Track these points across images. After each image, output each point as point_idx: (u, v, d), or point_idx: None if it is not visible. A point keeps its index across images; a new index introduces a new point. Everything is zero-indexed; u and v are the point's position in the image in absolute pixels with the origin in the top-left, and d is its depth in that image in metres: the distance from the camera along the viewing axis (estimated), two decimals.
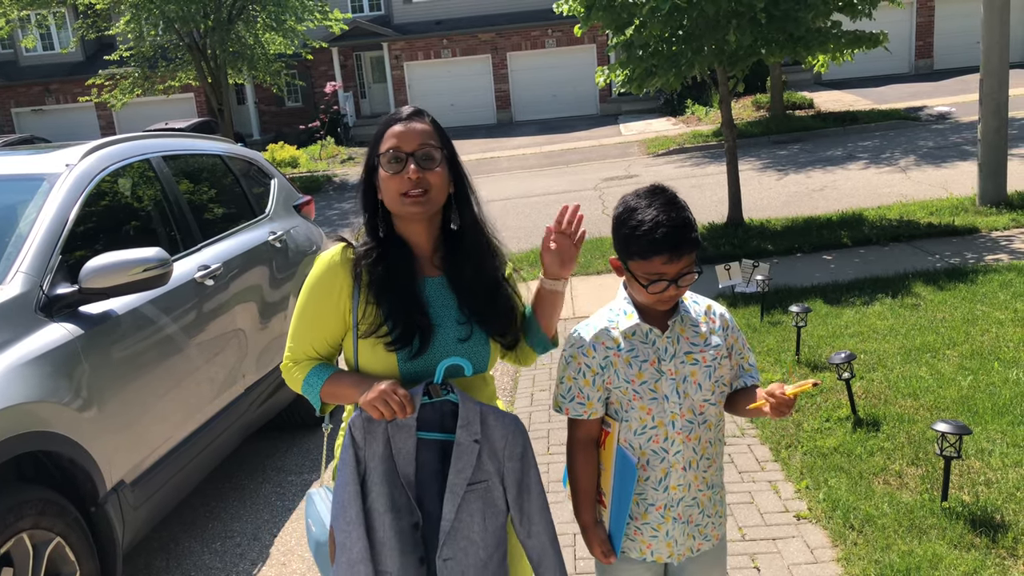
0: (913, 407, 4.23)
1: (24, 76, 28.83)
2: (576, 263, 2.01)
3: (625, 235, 1.86)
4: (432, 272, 1.97)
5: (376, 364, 1.89)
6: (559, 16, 8.68)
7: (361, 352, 1.91)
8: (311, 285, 1.95)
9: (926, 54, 26.10)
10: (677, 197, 1.87)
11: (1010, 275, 6.19)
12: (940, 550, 3.05)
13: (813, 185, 11.60)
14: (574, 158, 17.76)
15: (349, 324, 1.93)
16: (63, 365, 2.83)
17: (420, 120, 1.92)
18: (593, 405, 1.95)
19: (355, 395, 1.86)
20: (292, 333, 1.99)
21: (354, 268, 1.92)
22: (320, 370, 1.95)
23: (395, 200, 1.88)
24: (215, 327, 3.84)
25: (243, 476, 4.48)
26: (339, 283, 1.92)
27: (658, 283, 1.83)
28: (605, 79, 8.90)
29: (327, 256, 1.95)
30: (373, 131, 1.97)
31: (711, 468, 1.99)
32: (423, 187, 1.86)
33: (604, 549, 1.99)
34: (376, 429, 1.81)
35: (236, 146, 5.18)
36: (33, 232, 3.10)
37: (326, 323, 1.94)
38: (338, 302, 1.92)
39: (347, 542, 1.80)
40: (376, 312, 1.88)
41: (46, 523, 2.66)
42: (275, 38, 18.84)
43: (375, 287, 1.90)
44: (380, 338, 1.87)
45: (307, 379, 1.95)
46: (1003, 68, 8.27)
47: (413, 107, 1.96)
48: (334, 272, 1.93)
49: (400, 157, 1.86)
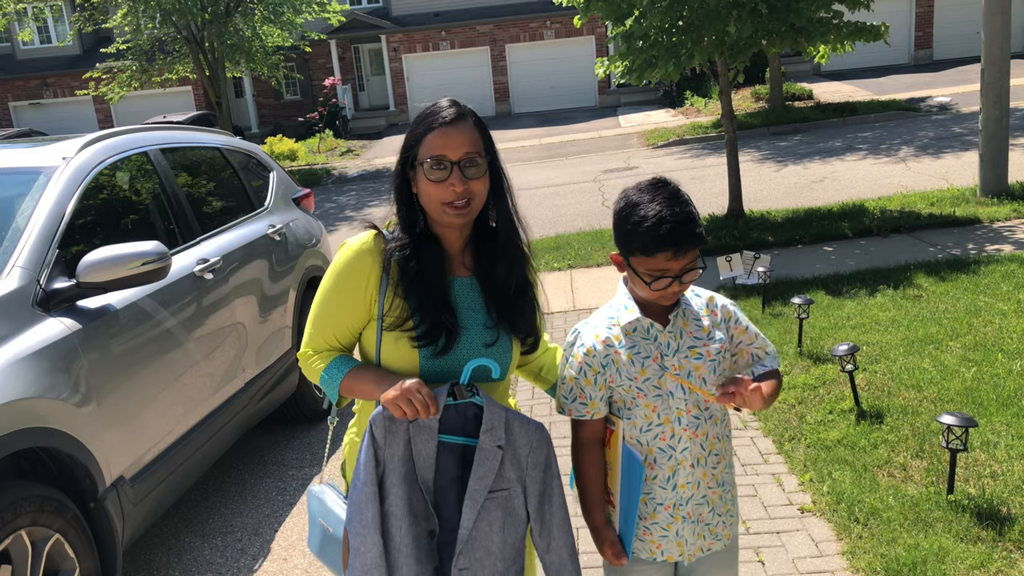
0: (917, 399, 4.21)
1: (21, 70, 28.73)
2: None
3: (628, 231, 1.81)
4: (461, 272, 1.92)
5: (397, 359, 1.84)
6: (558, 7, 8.69)
7: (384, 344, 1.85)
8: (339, 271, 1.88)
9: (925, 44, 26.03)
10: (680, 191, 1.82)
11: (1012, 266, 6.16)
12: (946, 543, 3.03)
13: (813, 176, 11.56)
14: (573, 150, 17.71)
15: (373, 315, 1.87)
16: (61, 360, 2.81)
17: (466, 124, 1.82)
18: (596, 405, 1.91)
19: (375, 392, 1.79)
20: (313, 319, 1.91)
21: (385, 258, 1.86)
22: (341, 362, 1.88)
23: (436, 208, 1.81)
24: (214, 321, 3.81)
25: (244, 470, 4.46)
26: (367, 271, 1.86)
27: (661, 280, 1.79)
28: (604, 70, 8.86)
29: (357, 243, 1.88)
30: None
31: (720, 464, 1.95)
32: (467, 197, 1.80)
33: (615, 551, 1.94)
34: (397, 429, 1.74)
35: (235, 139, 5.14)
36: (30, 226, 3.06)
37: (351, 311, 1.87)
38: (365, 291, 1.86)
39: (361, 547, 1.73)
40: (403, 306, 1.83)
41: (45, 520, 2.63)
42: (273, 30, 18.78)
43: (405, 281, 1.84)
44: (405, 332, 1.82)
45: (327, 370, 1.87)
46: (1004, 58, 8.23)
47: (455, 105, 1.84)
48: (363, 260, 1.86)
49: (445, 165, 1.78)
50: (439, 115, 1.81)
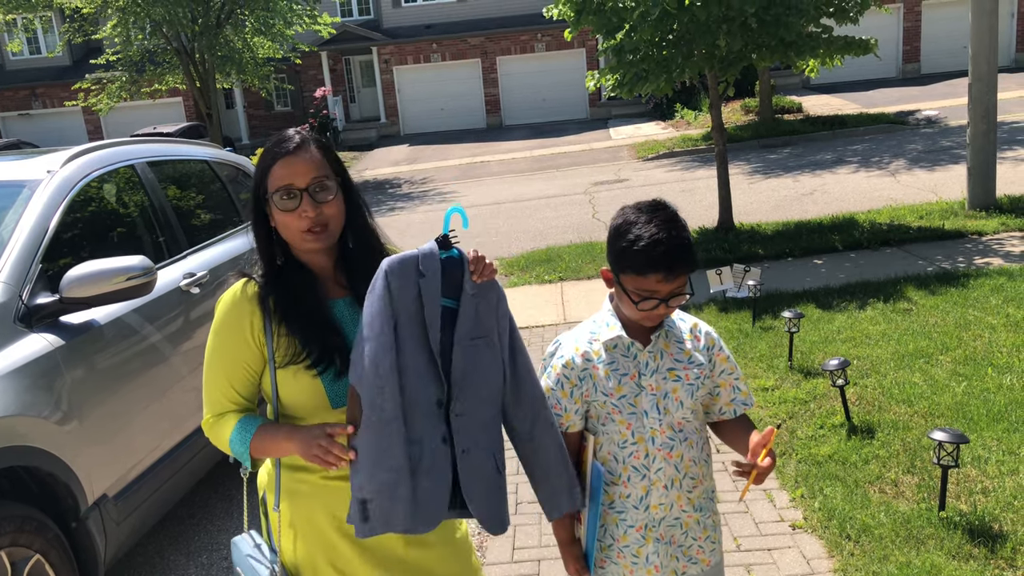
0: (908, 414, 4.20)
1: (10, 80, 28.64)
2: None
3: (622, 248, 1.81)
4: (338, 293, 1.89)
5: (301, 392, 1.81)
6: (549, 20, 8.69)
7: (283, 384, 1.82)
8: (220, 326, 1.85)
9: (913, 58, 26.24)
10: (678, 216, 1.82)
11: (1001, 279, 6.18)
12: (938, 561, 3.01)
13: (803, 189, 11.60)
14: (564, 162, 17.73)
15: (266, 357, 1.83)
16: (43, 377, 2.76)
17: (308, 150, 1.81)
18: (571, 418, 1.91)
19: (289, 446, 1.75)
20: (208, 385, 1.87)
21: (261, 300, 1.83)
22: (247, 422, 1.83)
23: (295, 236, 1.81)
24: (201, 335, 3.77)
25: (231, 486, 4.40)
26: (248, 318, 1.83)
27: (648, 301, 1.79)
28: (595, 83, 8.87)
29: (229, 294, 1.86)
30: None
31: (696, 489, 1.93)
32: (322, 222, 1.80)
33: (578, 566, 1.97)
34: (409, 277, 1.69)
35: (223, 151, 5.11)
36: (13, 240, 3.02)
37: (244, 360, 1.84)
38: (250, 337, 1.83)
39: (378, 399, 1.65)
40: (291, 340, 1.80)
41: (25, 540, 2.59)
42: (264, 42, 18.78)
43: (284, 314, 1.82)
44: (300, 364, 1.79)
45: (234, 433, 1.82)
46: (991, 73, 8.28)
47: (298, 133, 1.84)
48: (241, 308, 1.83)
49: (294, 194, 1.77)
50: (282, 145, 1.81)
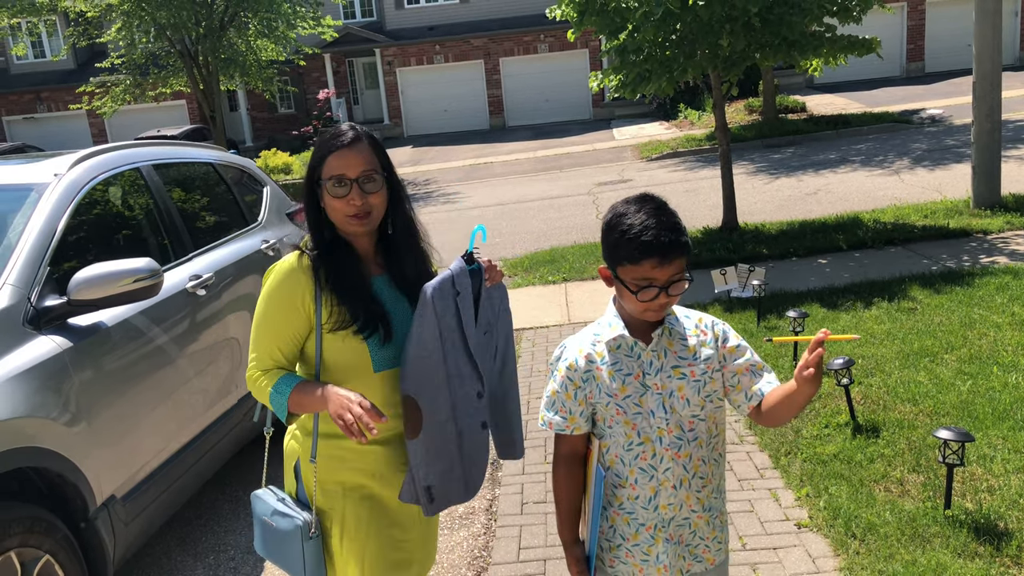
0: (913, 413, 4.20)
1: (15, 84, 28.72)
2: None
3: (615, 240, 1.82)
4: (376, 271, 2.15)
5: (349, 354, 2.04)
6: (552, 21, 8.71)
7: (330, 347, 2.04)
8: (272, 292, 2.06)
9: (917, 57, 26.18)
10: (666, 204, 1.85)
11: (1006, 278, 6.17)
12: (944, 559, 3.01)
13: (807, 188, 11.59)
14: (568, 163, 17.74)
15: (313, 324, 2.06)
16: (51, 379, 2.78)
17: (361, 145, 2.06)
18: (576, 420, 1.91)
19: (324, 402, 1.94)
20: (255, 342, 2.08)
21: (314, 271, 2.06)
22: (287, 379, 2.03)
23: (341, 219, 2.06)
24: (207, 337, 3.79)
25: (238, 488, 4.42)
26: (301, 288, 2.05)
27: (648, 289, 1.79)
28: (598, 84, 8.87)
29: (285, 264, 2.08)
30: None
31: (705, 488, 1.93)
32: (367, 210, 2.04)
33: (579, 568, 1.98)
34: (447, 297, 2.02)
35: (228, 153, 5.13)
36: (21, 243, 3.04)
37: (292, 326, 2.05)
38: (302, 305, 2.04)
39: (432, 406, 2.02)
40: (340, 308, 2.03)
41: (34, 541, 2.60)
42: (267, 45, 18.80)
43: (333, 285, 2.05)
44: (348, 329, 2.02)
45: (275, 388, 2.02)
46: (996, 71, 8.27)
47: (352, 129, 2.08)
48: (295, 278, 2.06)
49: (345, 183, 2.02)
50: (339, 139, 2.06)
